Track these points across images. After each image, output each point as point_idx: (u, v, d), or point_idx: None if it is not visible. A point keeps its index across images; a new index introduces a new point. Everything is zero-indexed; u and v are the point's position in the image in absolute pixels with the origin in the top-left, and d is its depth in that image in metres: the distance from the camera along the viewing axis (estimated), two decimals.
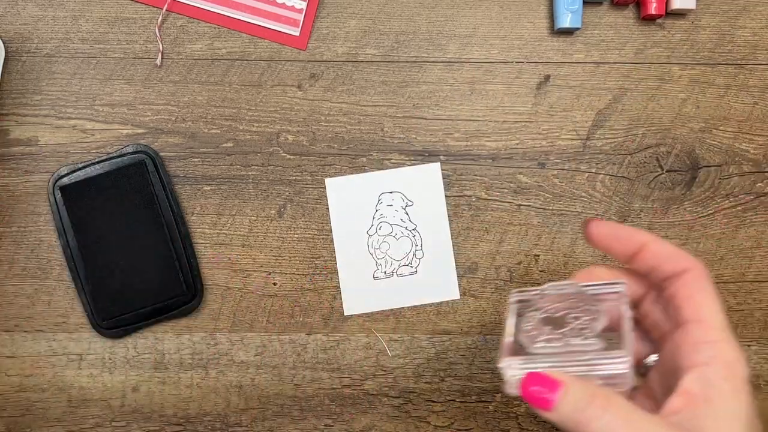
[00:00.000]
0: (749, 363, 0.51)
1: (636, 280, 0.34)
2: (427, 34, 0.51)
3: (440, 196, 0.51)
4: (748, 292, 0.51)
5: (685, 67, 0.51)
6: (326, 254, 0.50)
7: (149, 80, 0.50)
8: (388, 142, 0.51)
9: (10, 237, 0.49)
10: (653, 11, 0.50)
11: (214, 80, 0.50)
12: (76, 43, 0.50)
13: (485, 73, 0.51)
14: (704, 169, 0.51)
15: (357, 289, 0.50)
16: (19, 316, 0.49)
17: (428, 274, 0.51)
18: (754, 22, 0.52)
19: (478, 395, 0.50)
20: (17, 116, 0.49)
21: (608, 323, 0.32)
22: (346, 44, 0.51)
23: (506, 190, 0.51)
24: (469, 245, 0.51)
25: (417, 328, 0.51)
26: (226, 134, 0.50)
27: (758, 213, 0.51)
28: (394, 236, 0.51)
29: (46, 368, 0.49)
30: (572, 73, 0.51)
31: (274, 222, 0.50)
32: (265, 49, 0.50)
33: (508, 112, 0.51)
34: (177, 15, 0.50)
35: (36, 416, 0.49)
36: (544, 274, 0.51)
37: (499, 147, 0.51)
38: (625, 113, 0.51)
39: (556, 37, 0.51)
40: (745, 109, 0.51)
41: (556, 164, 0.51)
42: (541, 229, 0.51)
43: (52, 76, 0.50)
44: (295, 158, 0.50)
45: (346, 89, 0.51)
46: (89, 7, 0.50)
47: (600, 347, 0.31)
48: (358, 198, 0.51)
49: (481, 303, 0.51)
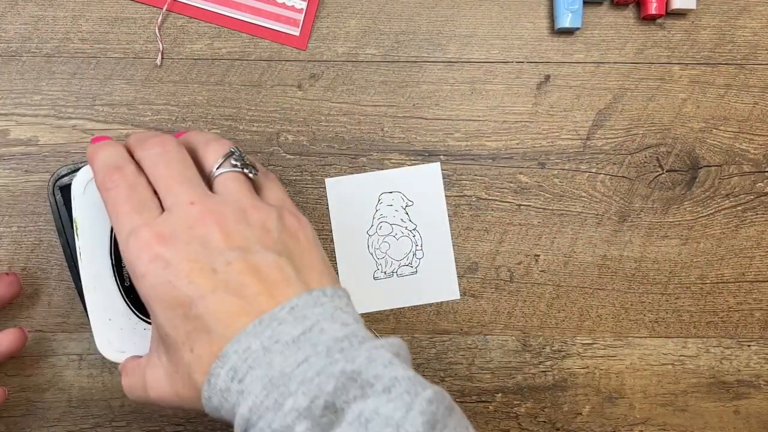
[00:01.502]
0: (749, 363, 0.51)
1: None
2: (428, 34, 0.51)
3: (440, 196, 0.51)
4: (748, 292, 0.51)
5: (685, 67, 0.51)
6: (326, 254, 0.50)
7: (149, 80, 0.50)
8: (388, 142, 0.51)
9: (10, 237, 0.49)
10: (653, 11, 0.50)
11: (214, 80, 0.50)
12: (76, 43, 0.50)
13: (485, 73, 0.51)
14: (704, 169, 0.51)
15: (357, 289, 0.50)
16: (19, 317, 0.49)
17: (428, 274, 0.51)
18: (754, 21, 0.52)
19: (478, 395, 0.50)
20: (17, 116, 0.49)
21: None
22: (346, 44, 0.51)
23: (506, 190, 0.51)
24: (469, 245, 0.51)
25: (417, 328, 0.51)
26: (226, 134, 0.50)
27: (758, 213, 0.51)
28: (394, 236, 0.51)
29: (46, 368, 0.49)
30: (572, 73, 0.51)
31: None
32: (265, 49, 0.50)
33: (508, 112, 0.51)
34: (177, 15, 0.50)
35: (36, 416, 0.49)
36: (545, 274, 0.51)
37: (500, 147, 0.51)
38: (626, 113, 0.51)
39: (556, 37, 0.51)
40: (746, 109, 0.51)
41: (556, 164, 0.51)
42: (541, 229, 0.51)
43: (52, 76, 0.50)
44: (295, 158, 0.50)
45: (346, 89, 0.51)
46: (89, 7, 0.50)
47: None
48: (358, 198, 0.51)
49: (481, 303, 0.51)
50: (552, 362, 0.51)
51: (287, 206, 0.38)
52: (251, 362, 0.31)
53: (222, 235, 0.34)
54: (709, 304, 0.51)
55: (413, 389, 0.30)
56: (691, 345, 0.51)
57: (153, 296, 0.34)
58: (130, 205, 0.35)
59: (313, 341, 0.32)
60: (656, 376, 0.51)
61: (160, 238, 0.34)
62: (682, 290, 0.51)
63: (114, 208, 0.36)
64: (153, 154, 0.37)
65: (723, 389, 0.51)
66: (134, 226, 0.34)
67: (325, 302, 0.34)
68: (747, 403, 0.51)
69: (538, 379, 0.51)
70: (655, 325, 0.51)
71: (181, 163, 0.36)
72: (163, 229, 0.34)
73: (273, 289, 0.33)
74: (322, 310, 0.33)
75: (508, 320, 0.51)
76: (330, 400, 0.30)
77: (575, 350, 0.51)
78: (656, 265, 0.51)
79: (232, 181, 0.37)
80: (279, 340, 0.31)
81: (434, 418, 0.30)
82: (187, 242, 0.34)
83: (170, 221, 0.34)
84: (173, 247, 0.33)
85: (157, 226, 0.34)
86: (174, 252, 0.33)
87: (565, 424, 0.51)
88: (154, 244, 0.34)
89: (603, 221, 0.51)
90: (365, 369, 0.31)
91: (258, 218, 0.35)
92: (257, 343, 0.31)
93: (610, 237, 0.51)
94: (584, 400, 0.51)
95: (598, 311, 0.51)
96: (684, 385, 0.51)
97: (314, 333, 0.32)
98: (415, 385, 0.31)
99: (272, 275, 0.34)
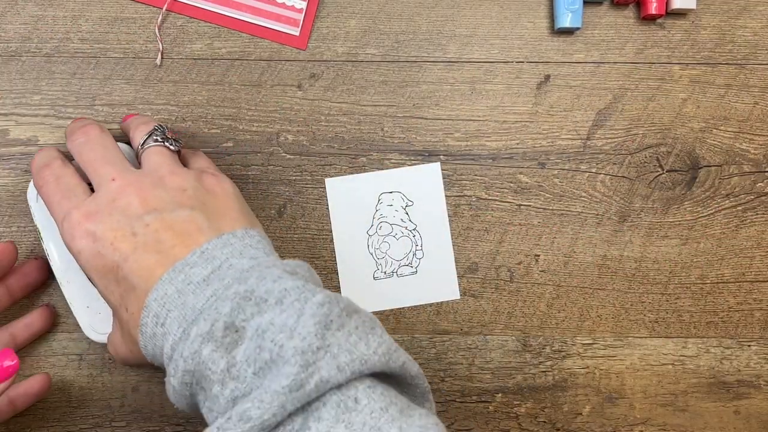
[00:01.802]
0: (749, 363, 0.51)
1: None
2: (428, 34, 0.51)
3: (440, 196, 0.51)
4: (748, 292, 0.51)
5: (685, 66, 0.51)
6: (326, 254, 0.50)
7: (149, 80, 0.50)
8: (388, 142, 0.51)
9: (10, 237, 0.49)
10: (653, 11, 0.50)
11: (214, 80, 0.50)
12: (76, 43, 0.50)
13: (485, 73, 0.51)
14: (704, 169, 0.51)
15: (357, 289, 0.50)
16: (19, 317, 0.49)
17: (428, 274, 0.51)
18: (754, 21, 0.52)
19: (478, 395, 0.50)
20: (17, 116, 0.49)
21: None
22: (346, 44, 0.51)
23: (506, 190, 0.51)
24: (469, 245, 0.51)
25: (417, 328, 0.51)
26: (226, 134, 0.50)
27: (758, 213, 0.51)
28: (394, 236, 0.51)
29: (46, 368, 0.49)
30: (572, 72, 0.51)
31: (274, 222, 0.50)
32: (265, 49, 0.50)
33: (508, 111, 0.51)
34: (177, 15, 0.50)
35: (36, 416, 0.49)
36: (545, 274, 0.51)
37: (500, 147, 0.51)
38: (626, 113, 0.51)
39: (556, 36, 0.51)
40: (746, 109, 0.51)
41: (556, 164, 0.51)
42: (541, 229, 0.51)
43: (51, 76, 0.50)
44: (295, 158, 0.50)
45: (346, 89, 0.51)
46: (89, 7, 0.50)
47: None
48: (358, 198, 0.51)
49: (481, 303, 0.51)
50: (552, 362, 0.51)
51: (209, 170, 0.42)
52: (169, 306, 0.34)
53: (140, 201, 0.37)
54: (709, 304, 0.51)
55: (302, 296, 0.33)
56: (692, 345, 0.51)
57: (89, 269, 0.38)
58: (60, 194, 0.39)
59: (221, 276, 0.34)
60: (656, 376, 0.51)
61: (87, 216, 0.37)
62: (682, 290, 0.51)
63: (48, 200, 0.40)
64: (78, 144, 0.41)
65: (723, 389, 0.51)
66: (65, 210, 0.38)
67: (234, 242, 0.36)
68: (747, 404, 0.51)
69: (538, 380, 0.51)
70: (656, 325, 0.51)
71: (102, 147, 0.41)
72: (90, 207, 0.38)
73: (186, 239, 0.36)
74: (231, 249, 0.36)
75: (508, 320, 0.51)
76: (229, 321, 0.32)
77: (575, 350, 0.51)
78: (656, 265, 0.51)
79: (154, 154, 0.41)
80: (191, 282, 0.34)
81: (327, 320, 0.32)
82: (110, 214, 0.37)
83: (96, 200, 0.38)
84: (99, 221, 0.37)
85: (85, 206, 0.38)
86: (99, 225, 0.37)
87: (565, 424, 0.50)
88: (83, 222, 0.37)
89: (603, 221, 0.51)
90: (257, 287, 0.33)
91: (174, 182, 0.38)
92: (172, 288, 0.34)
93: (611, 237, 0.51)
94: (584, 401, 0.51)
95: (598, 311, 0.51)
96: (684, 386, 0.51)
97: (223, 270, 0.35)
98: (304, 292, 0.33)
99: (186, 227, 0.36)
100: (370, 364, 0.32)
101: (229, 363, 0.32)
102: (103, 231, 0.37)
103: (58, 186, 0.40)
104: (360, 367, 0.32)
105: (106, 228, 0.37)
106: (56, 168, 0.41)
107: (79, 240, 0.37)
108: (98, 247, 0.37)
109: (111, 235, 0.37)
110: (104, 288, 0.38)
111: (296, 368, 0.30)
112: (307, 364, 0.31)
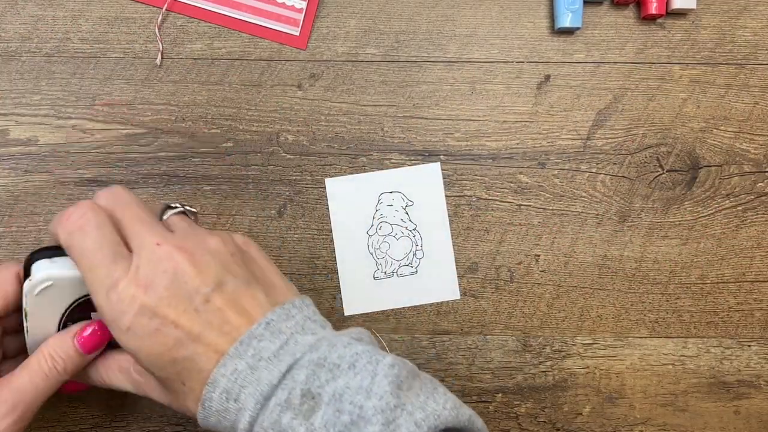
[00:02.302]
0: (749, 363, 0.51)
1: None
2: (428, 34, 0.51)
3: (440, 196, 0.51)
4: (748, 292, 0.51)
5: (685, 66, 0.51)
6: (326, 254, 0.50)
7: (149, 80, 0.50)
8: (388, 141, 0.51)
9: (10, 237, 0.49)
10: (654, 11, 0.50)
11: (214, 80, 0.50)
12: (76, 43, 0.50)
13: (485, 73, 0.51)
14: (705, 169, 0.51)
15: (357, 289, 0.50)
16: None
17: (428, 274, 0.51)
18: (754, 21, 0.52)
19: (478, 395, 0.50)
20: (17, 116, 0.49)
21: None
22: (346, 44, 0.51)
23: (506, 190, 0.51)
24: (469, 245, 0.51)
25: (417, 328, 0.51)
26: (225, 134, 0.50)
27: (758, 213, 0.51)
28: (394, 236, 0.51)
29: None
30: (572, 72, 0.51)
31: (274, 222, 0.50)
32: (265, 49, 0.50)
33: (508, 111, 0.51)
34: (177, 15, 0.50)
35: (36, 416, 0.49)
36: (545, 274, 0.51)
37: (500, 147, 0.51)
38: (626, 113, 0.51)
39: (557, 36, 0.51)
40: (746, 108, 0.51)
41: (556, 164, 0.51)
42: (541, 229, 0.51)
43: (51, 75, 0.50)
44: (295, 158, 0.50)
45: (346, 89, 0.51)
46: (89, 7, 0.50)
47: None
48: (358, 198, 0.51)
49: (481, 303, 0.51)
50: (552, 362, 0.51)
51: (220, 232, 0.40)
52: (242, 382, 0.34)
53: (194, 270, 0.35)
54: (709, 304, 0.51)
55: (374, 359, 0.34)
56: (692, 345, 0.51)
57: (140, 346, 0.35)
58: (103, 255, 0.35)
59: (291, 352, 0.34)
60: (656, 376, 0.51)
61: (141, 288, 0.35)
62: (682, 290, 0.51)
63: (84, 258, 0.36)
64: (106, 200, 0.38)
65: (723, 389, 0.51)
66: (113, 280, 0.35)
67: (296, 314, 0.36)
68: (747, 403, 0.51)
69: (539, 379, 0.51)
70: (656, 325, 0.51)
71: (137, 206, 0.38)
72: (141, 277, 0.35)
73: (250, 318, 0.36)
74: (293, 322, 0.36)
75: (509, 320, 0.51)
76: (305, 388, 0.33)
77: (575, 350, 0.51)
78: (656, 265, 0.51)
79: (180, 220, 0.39)
80: (262, 358, 0.34)
81: (398, 380, 0.33)
82: (166, 286, 0.35)
83: (145, 268, 0.35)
84: (154, 294, 0.35)
85: (135, 275, 0.35)
86: (156, 299, 0.35)
87: (566, 424, 0.50)
88: (139, 295, 0.34)
89: (603, 221, 0.51)
90: (329, 353, 0.34)
91: (215, 244, 0.37)
92: (243, 363, 0.34)
93: (611, 237, 0.51)
94: (584, 401, 0.51)
95: (598, 311, 0.51)
96: (684, 385, 0.51)
97: (290, 345, 0.35)
98: (375, 355, 0.34)
99: (248, 304, 0.36)
100: (442, 418, 0.33)
101: (308, 430, 0.32)
102: (161, 307, 0.34)
103: (101, 242, 0.36)
104: (434, 422, 0.33)
105: (164, 303, 0.34)
106: (95, 217, 0.37)
107: (134, 316, 0.34)
108: (156, 324, 0.34)
109: (172, 312, 0.34)
110: (153, 365, 0.35)
111: (378, 427, 0.32)
112: (387, 422, 0.32)
